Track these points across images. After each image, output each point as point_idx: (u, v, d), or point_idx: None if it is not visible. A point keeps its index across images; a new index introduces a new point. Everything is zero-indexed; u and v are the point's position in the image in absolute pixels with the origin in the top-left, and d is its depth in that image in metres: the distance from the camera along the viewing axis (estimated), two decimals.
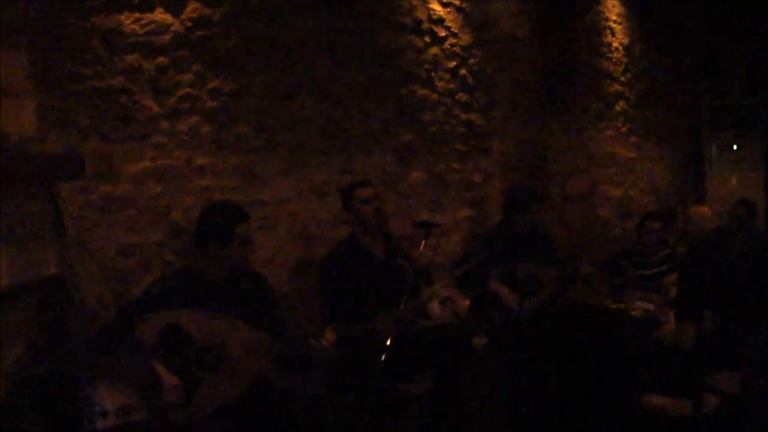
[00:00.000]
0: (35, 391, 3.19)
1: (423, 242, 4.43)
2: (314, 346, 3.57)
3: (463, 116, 6.52)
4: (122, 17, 4.27)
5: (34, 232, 3.32)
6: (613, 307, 6.11)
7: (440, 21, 6.31)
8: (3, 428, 2.94)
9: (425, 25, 6.16)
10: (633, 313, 5.96)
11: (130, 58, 4.33)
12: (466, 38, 6.55)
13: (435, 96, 6.24)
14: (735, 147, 10.94)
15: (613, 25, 8.80)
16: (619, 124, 8.91)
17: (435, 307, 4.59)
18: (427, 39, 6.18)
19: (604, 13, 8.64)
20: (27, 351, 3.20)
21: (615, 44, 8.83)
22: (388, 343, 3.90)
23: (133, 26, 4.32)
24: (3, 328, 3.04)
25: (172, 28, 4.50)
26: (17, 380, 3.10)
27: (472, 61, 6.61)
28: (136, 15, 4.34)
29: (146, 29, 4.38)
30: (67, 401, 3.11)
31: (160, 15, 4.44)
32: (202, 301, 3.55)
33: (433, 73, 6.22)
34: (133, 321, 3.39)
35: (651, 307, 6.00)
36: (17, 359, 3.13)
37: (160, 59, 4.47)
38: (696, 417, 4.51)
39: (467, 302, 4.71)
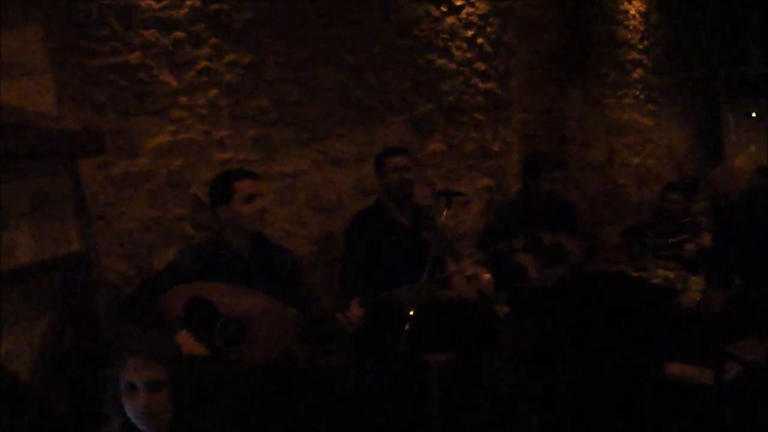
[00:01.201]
0: (60, 368, 3.20)
1: (444, 212, 4.41)
2: (341, 320, 3.56)
3: (481, 85, 6.49)
4: None
5: (55, 208, 3.33)
6: (634, 275, 6.09)
7: None
8: (28, 405, 2.96)
9: None
10: (653, 281, 5.95)
11: (147, 33, 4.32)
12: (482, 7, 6.51)
13: (453, 65, 6.21)
14: (753, 114, 10.85)
15: None
16: (637, 92, 8.86)
17: (461, 284, 4.57)
18: (444, 8, 6.14)
19: None
20: (51, 328, 3.21)
21: (632, 11, 8.76)
22: (412, 314, 3.89)
23: (149, 1, 4.30)
24: (27, 306, 3.05)
25: (187, 2, 4.47)
26: (42, 357, 3.12)
27: (489, 29, 6.57)
28: None
29: (162, 3, 4.36)
30: (92, 378, 3.13)
31: None
32: (225, 274, 3.55)
33: (450, 43, 6.18)
34: (156, 294, 3.39)
35: (671, 275, 5.98)
36: (42, 336, 3.14)
37: (177, 33, 4.45)
38: (718, 385, 4.50)
39: (491, 279, 4.69)
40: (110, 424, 2.50)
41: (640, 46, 8.93)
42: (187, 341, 3.31)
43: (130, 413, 2.42)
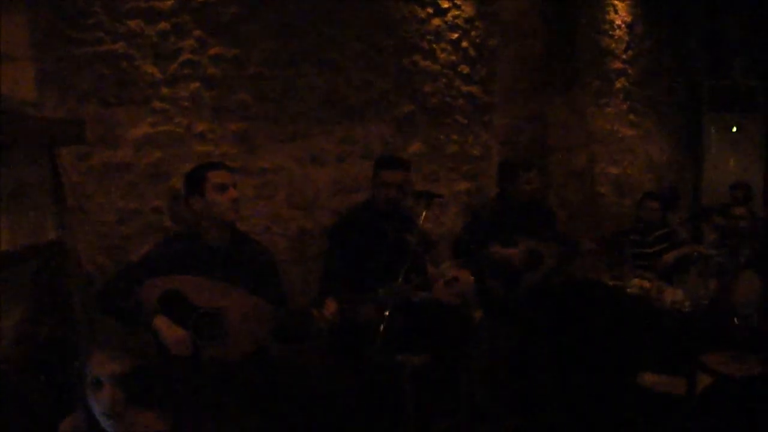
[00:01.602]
0: (34, 356, 3.18)
1: (424, 213, 4.41)
2: (316, 316, 3.55)
3: (464, 88, 6.49)
4: None
5: (33, 197, 3.30)
6: (611, 283, 6.11)
7: None
8: (4, 390, 2.93)
9: None
10: (629, 290, 5.97)
11: (132, 24, 4.28)
12: (468, 10, 6.51)
13: (436, 67, 6.21)
14: (734, 129, 10.90)
15: (616, 3, 8.75)
16: (620, 102, 8.89)
17: (440, 286, 4.56)
18: (430, 10, 6.13)
19: None
20: (26, 316, 3.18)
21: (618, 21, 8.79)
22: (387, 314, 3.89)
23: None
24: (3, 294, 3.02)
25: None
26: (17, 346, 3.09)
27: (474, 33, 6.57)
28: None
29: None
30: (66, 366, 3.10)
31: None
32: (201, 268, 3.53)
33: (435, 45, 6.18)
34: (132, 286, 3.37)
35: (647, 284, 6.00)
36: (16, 324, 3.11)
37: (162, 24, 4.42)
38: (689, 396, 4.51)
39: (472, 281, 4.68)
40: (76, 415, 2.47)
41: (625, 57, 8.96)
42: (164, 325, 3.29)
43: (95, 409, 2.39)
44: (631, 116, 9.14)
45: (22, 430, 2.53)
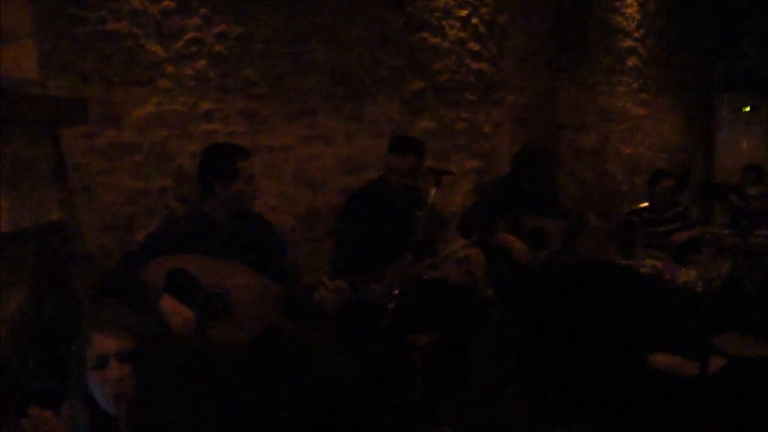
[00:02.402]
0: (36, 338, 3.14)
1: (433, 190, 4.36)
2: (322, 295, 3.50)
3: (474, 66, 6.43)
4: None
5: (35, 177, 3.25)
6: (622, 263, 6.05)
7: None
8: (4, 377, 2.90)
9: None
10: (641, 270, 5.91)
11: (136, 2, 4.27)
12: None
13: (446, 44, 6.15)
14: (747, 109, 10.81)
15: None
16: (631, 80, 8.81)
17: (450, 265, 4.52)
18: None
19: None
20: (28, 297, 3.14)
21: None
22: (396, 292, 3.85)
23: None
24: (4, 274, 2.99)
25: None
26: (18, 327, 3.05)
27: (483, 10, 6.50)
28: None
29: None
30: (68, 349, 3.07)
31: None
32: (208, 246, 3.48)
33: (444, 21, 6.12)
34: (138, 266, 3.32)
35: (660, 264, 5.94)
36: (18, 306, 3.08)
37: (166, 3, 4.40)
38: (702, 378, 4.48)
39: (483, 259, 4.64)
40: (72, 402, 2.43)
41: (636, 35, 8.87)
42: (169, 305, 3.24)
43: (99, 393, 2.35)
44: (643, 95, 9.06)
45: (21, 413, 2.49)
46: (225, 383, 3.19)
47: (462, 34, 6.30)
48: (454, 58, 6.24)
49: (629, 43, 8.76)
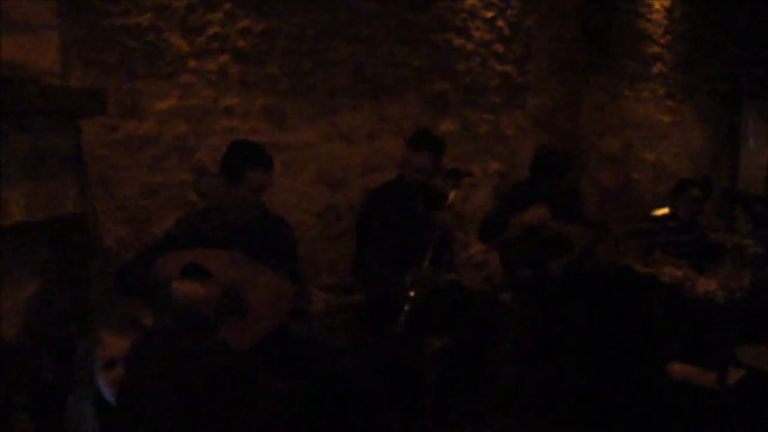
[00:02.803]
0: (46, 331, 3.14)
1: (453, 192, 4.32)
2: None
3: (499, 68, 6.40)
4: None
5: (53, 168, 3.25)
6: (642, 271, 6.01)
7: None
8: (15, 369, 2.90)
9: None
10: (660, 278, 5.86)
11: None
12: None
13: (471, 46, 6.12)
14: None
15: None
16: (656, 87, 8.75)
17: (468, 269, 4.49)
18: None
19: None
20: (42, 290, 3.14)
21: (656, 5, 8.65)
22: (412, 294, 3.83)
23: None
24: (18, 265, 2.99)
25: None
26: (30, 319, 3.05)
27: (510, 12, 6.47)
28: None
29: None
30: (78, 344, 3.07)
31: None
32: (225, 243, 3.47)
33: (469, 23, 6.10)
34: (154, 261, 3.31)
35: (679, 273, 5.89)
36: (31, 298, 3.07)
37: None
38: (720, 389, 4.44)
39: (500, 264, 4.60)
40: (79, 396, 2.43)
41: (662, 41, 8.81)
42: (182, 284, 3.21)
43: (107, 392, 2.34)
44: (668, 102, 9.00)
45: (31, 406, 2.50)
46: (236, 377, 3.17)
47: (487, 36, 6.27)
48: (478, 59, 6.21)
49: (655, 49, 8.70)
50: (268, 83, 4.77)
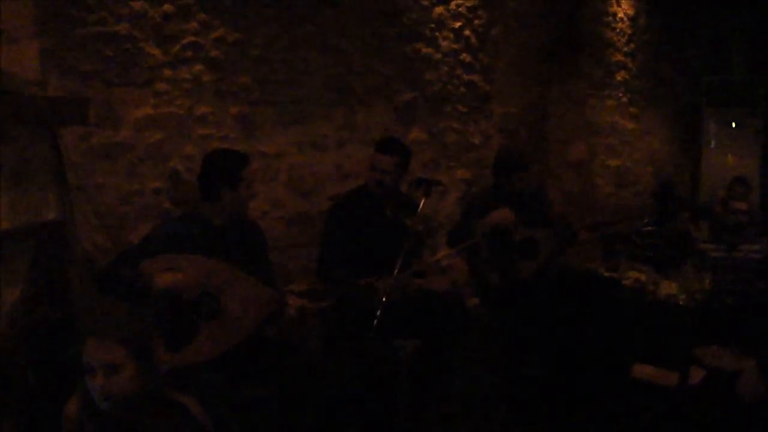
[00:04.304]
0: (31, 334, 3.18)
1: (423, 200, 4.38)
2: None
3: (466, 77, 6.50)
4: None
5: (35, 176, 3.30)
6: (605, 274, 6.11)
7: None
8: None
9: None
10: (624, 282, 5.97)
11: (136, 5, 4.32)
12: None
13: (438, 55, 6.22)
14: (733, 125, 10.88)
15: None
16: (620, 94, 8.90)
17: (435, 274, 4.55)
18: None
19: None
20: (24, 294, 3.18)
21: (620, 14, 8.79)
22: (384, 300, 3.89)
23: None
24: (2, 271, 3.03)
25: None
26: (13, 324, 3.09)
27: (477, 22, 6.58)
28: None
29: None
30: (61, 349, 3.11)
31: None
32: (201, 248, 3.53)
33: (437, 33, 6.19)
34: (133, 263, 3.37)
35: (642, 277, 6.00)
36: (14, 302, 3.11)
37: (166, 6, 4.46)
38: (682, 388, 4.52)
39: (466, 269, 4.67)
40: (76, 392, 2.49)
41: (626, 49, 8.96)
42: (165, 276, 3.27)
43: (91, 391, 2.41)
44: (632, 109, 9.14)
45: (17, 410, 2.54)
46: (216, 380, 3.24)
47: (455, 46, 6.37)
48: (446, 69, 6.30)
49: (619, 57, 8.84)
50: (241, 92, 4.83)
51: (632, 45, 9.06)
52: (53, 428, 2.64)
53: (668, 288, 5.61)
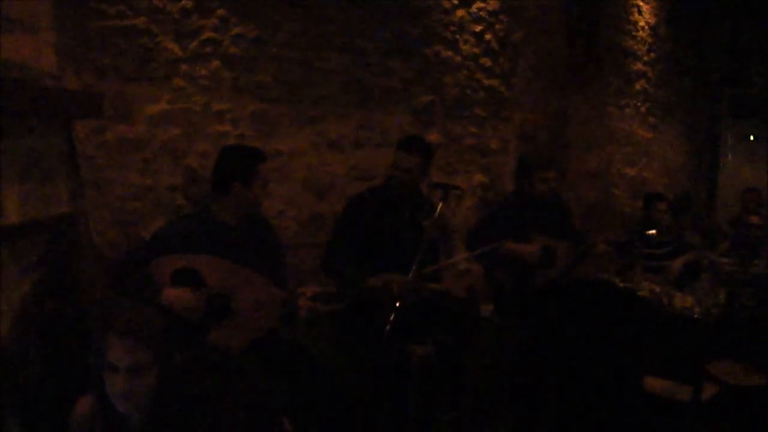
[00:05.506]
0: (41, 329, 3.15)
1: (440, 204, 4.35)
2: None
3: (485, 81, 6.46)
4: None
5: (47, 169, 3.27)
6: (621, 285, 6.06)
7: None
8: (7, 366, 2.91)
9: None
10: (640, 293, 5.92)
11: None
12: (494, 3, 6.48)
13: (458, 59, 6.18)
14: (752, 138, 10.83)
15: (642, 4, 8.72)
16: (639, 104, 8.85)
17: (451, 278, 4.52)
18: (455, 1, 6.12)
19: None
20: (34, 289, 3.15)
21: (641, 23, 8.76)
22: (398, 304, 3.86)
23: None
24: (12, 266, 3.00)
25: None
26: (22, 320, 3.06)
27: (498, 26, 6.54)
28: None
29: None
30: (71, 344, 3.08)
31: None
32: (213, 247, 3.50)
33: (458, 36, 6.16)
34: (144, 262, 3.34)
35: (657, 288, 5.96)
36: (24, 298, 3.08)
37: (185, 2, 4.44)
38: (694, 403, 4.49)
39: (482, 274, 4.63)
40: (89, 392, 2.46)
41: (646, 58, 8.92)
42: (173, 292, 3.25)
43: (109, 390, 2.38)
44: (650, 119, 9.10)
45: (25, 407, 2.52)
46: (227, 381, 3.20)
47: (475, 50, 6.34)
48: (465, 72, 6.27)
49: (639, 66, 8.80)
50: (258, 90, 4.80)
51: (652, 54, 9.02)
52: (61, 427, 2.62)
53: (683, 301, 5.56)
